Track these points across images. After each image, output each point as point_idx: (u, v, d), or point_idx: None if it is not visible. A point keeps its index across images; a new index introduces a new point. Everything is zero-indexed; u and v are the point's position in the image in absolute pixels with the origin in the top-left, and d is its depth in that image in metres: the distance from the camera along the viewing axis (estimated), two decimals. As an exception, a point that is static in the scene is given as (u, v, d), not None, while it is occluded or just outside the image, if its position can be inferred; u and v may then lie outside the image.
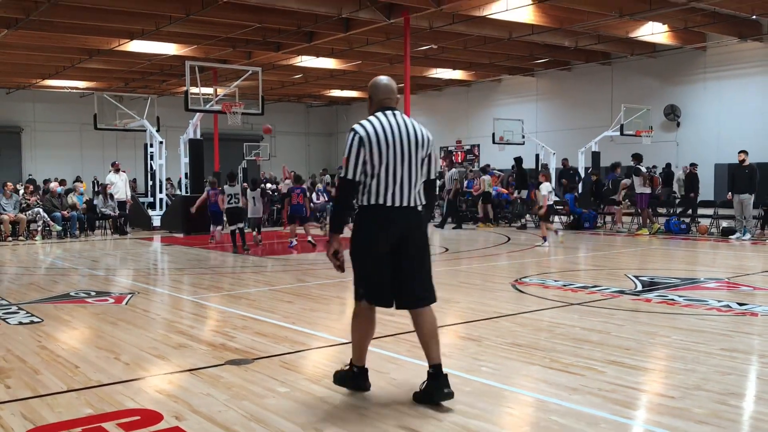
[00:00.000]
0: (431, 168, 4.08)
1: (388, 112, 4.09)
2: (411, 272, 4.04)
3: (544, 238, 13.23)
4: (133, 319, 6.51)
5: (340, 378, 4.19)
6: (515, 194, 20.05)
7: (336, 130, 42.35)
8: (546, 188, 13.43)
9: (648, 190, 16.10)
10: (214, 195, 14.00)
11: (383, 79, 4.25)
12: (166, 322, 6.46)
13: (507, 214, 20.01)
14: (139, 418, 3.75)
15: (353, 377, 4.14)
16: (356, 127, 4.01)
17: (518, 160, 20.95)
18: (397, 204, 3.94)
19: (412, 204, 3.99)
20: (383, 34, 22.21)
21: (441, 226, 18.59)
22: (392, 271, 3.99)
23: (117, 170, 18.42)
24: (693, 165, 20.33)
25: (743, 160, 14.18)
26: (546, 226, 13.60)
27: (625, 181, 17.66)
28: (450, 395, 3.85)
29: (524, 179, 20.08)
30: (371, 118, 4.08)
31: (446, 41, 23.49)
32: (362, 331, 4.12)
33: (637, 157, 16.74)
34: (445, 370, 3.97)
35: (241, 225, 12.90)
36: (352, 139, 3.93)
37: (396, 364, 4.79)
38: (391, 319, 6.30)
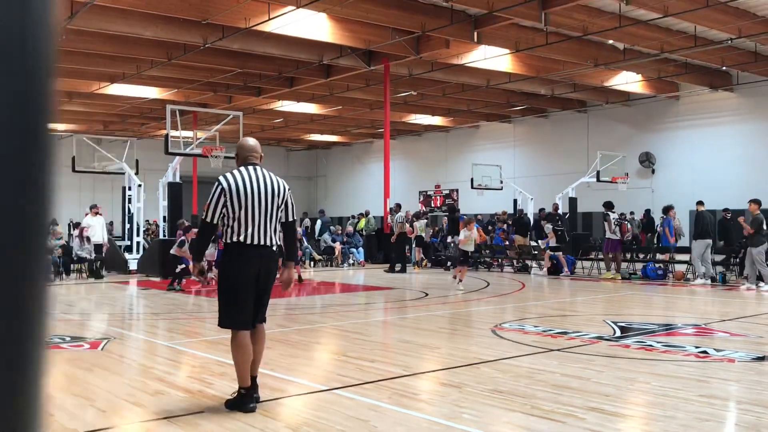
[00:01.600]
0: (288, 212, 4.92)
1: (250, 167, 4.85)
2: (265, 299, 4.91)
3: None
4: (109, 365, 6.40)
5: (232, 405, 4.72)
6: (448, 239, 21.12)
7: (315, 174, 42.51)
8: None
9: (616, 237, 16.48)
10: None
11: (249, 140, 5.08)
12: (142, 368, 6.36)
13: (441, 256, 21.23)
14: (114, 468, 3.66)
15: (242, 399, 4.71)
16: (221, 178, 4.76)
17: (451, 208, 23.24)
18: (256, 242, 4.71)
19: (267, 243, 4.75)
20: (363, 80, 22.55)
21: (390, 270, 18.59)
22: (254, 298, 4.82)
23: (96, 213, 18.28)
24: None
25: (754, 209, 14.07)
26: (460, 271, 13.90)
27: (547, 227, 18.38)
28: (255, 409, 4.64)
29: (456, 225, 20.98)
30: (235, 171, 4.83)
31: (425, 88, 23.89)
32: (242, 354, 4.77)
33: (608, 205, 17.25)
34: (426, 416, 3.94)
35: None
36: (216, 188, 4.72)
37: (377, 411, 4.75)
38: (372, 365, 6.27)
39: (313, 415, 4.74)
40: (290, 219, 4.93)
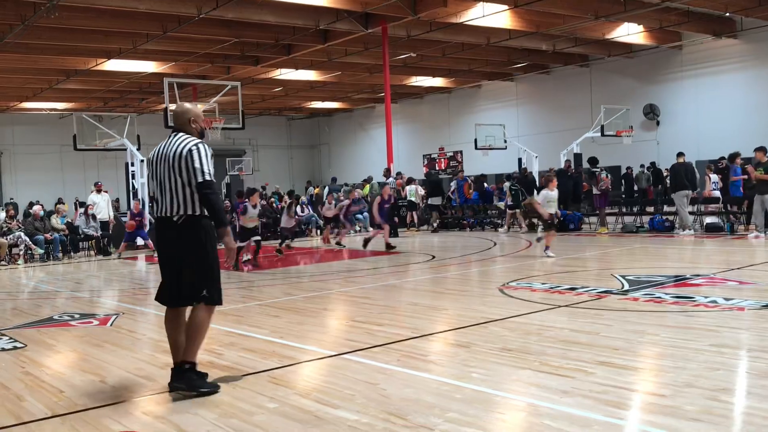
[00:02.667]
0: (191, 175, 4.43)
1: (172, 134, 4.70)
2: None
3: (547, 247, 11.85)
4: (119, 341, 6.42)
5: (198, 385, 4.46)
6: (427, 201, 21.94)
7: (318, 142, 42.33)
8: (544, 196, 12.10)
9: (598, 192, 16.74)
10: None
11: (176, 106, 4.91)
12: (152, 342, 6.37)
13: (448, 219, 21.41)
14: (125, 441, 3.68)
15: (203, 375, 4.60)
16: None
17: (429, 174, 23.97)
18: (158, 214, 4.63)
19: (166, 214, 4.54)
20: (361, 44, 22.26)
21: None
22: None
23: (99, 191, 18.26)
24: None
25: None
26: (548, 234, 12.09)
27: (505, 185, 19.43)
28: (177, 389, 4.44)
29: (438, 187, 21.82)
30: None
31: (425, 49, 23.58)
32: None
33: (592, 161, 17.47)
34: (435, 377, 3.94)
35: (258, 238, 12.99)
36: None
37: (386, 374, 4.75)
38: (380, 329, 6.27)
39: (323, 380, 4.75)
40: (197, 181, 4.42)
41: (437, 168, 33.88)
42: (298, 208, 20.21)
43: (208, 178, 4.39)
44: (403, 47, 22.92)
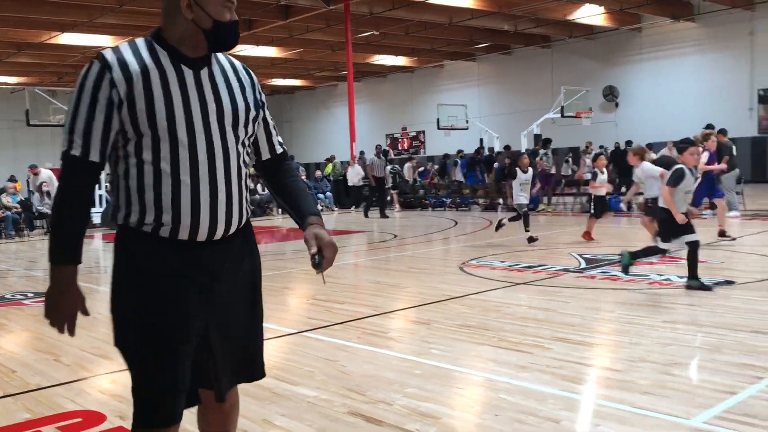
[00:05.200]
0: None
1: None
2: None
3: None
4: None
5: None
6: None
7: (280, 120, 41.91)
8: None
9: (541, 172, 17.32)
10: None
11: None
12: (109, 321, 6.26)
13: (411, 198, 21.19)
14: (81, 420, 3.62)
15: None
16: None
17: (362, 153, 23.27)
18: None
19: None
20: (323, 20, 22.03)
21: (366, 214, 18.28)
22: None
23: (36, 173, 17.84)
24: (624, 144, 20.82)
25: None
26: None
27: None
28: None
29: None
30: None
31: (387, 27, 23.44)
32: None
33: (542, 141, 17.85)
34: (395, 354, 3.95)
35: None
36: None
37: (346, 351, 4.75)
38: (341, 307, 6.27)
39: (283, 358, 4.73)
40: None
41: (399, 147, 33.89)
42: (258, 187, 20.05)
43: (64, 146, 1.99)
44: (366, 25, 22.75)
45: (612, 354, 4.51)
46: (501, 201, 18.52)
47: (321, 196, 21.54)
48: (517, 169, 10.83)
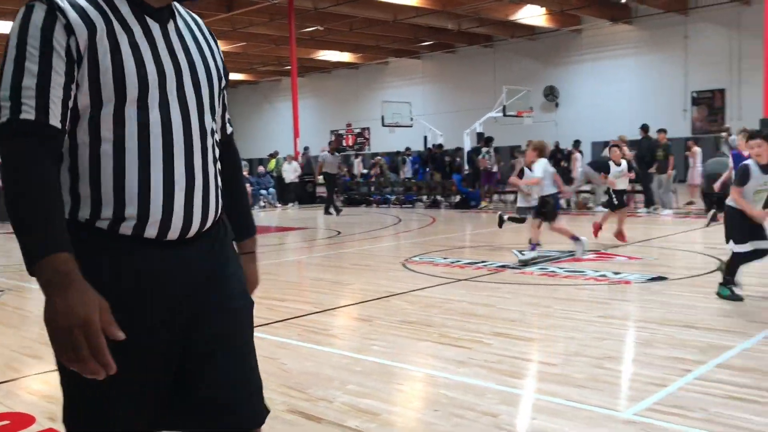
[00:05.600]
0: None
1: None
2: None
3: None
4: (4, 319, 6.07)
5: None
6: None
7: (223, 115, 41.31)
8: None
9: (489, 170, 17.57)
10: None
11: None
12: (40, 320, 6.05)
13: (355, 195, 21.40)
14: (9, 422, 3.49)
15: None
16: None
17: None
18: None
19: None
20: (267, 14, 21.82)
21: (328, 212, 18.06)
22: None
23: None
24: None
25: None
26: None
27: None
28: None
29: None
30: None
31: (332, 23, 23.37)
32: None
33: (485, 140, 18.11)
34: (336, 351, 3.95)
35: None
36: None
37: (286, 349, 4.72)
38: (282, 305, 6.22)
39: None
40: None
41: (344, 144, 33.82)
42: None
43: (4, 113, 1.41)
44: (310, 20, 22.63)
45: (549, 348, 4.60)
46: (443, 198, 18.71)
47: (264, 192, 21.33)
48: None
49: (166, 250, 1.58)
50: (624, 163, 9.95)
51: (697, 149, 16.44)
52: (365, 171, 22.55)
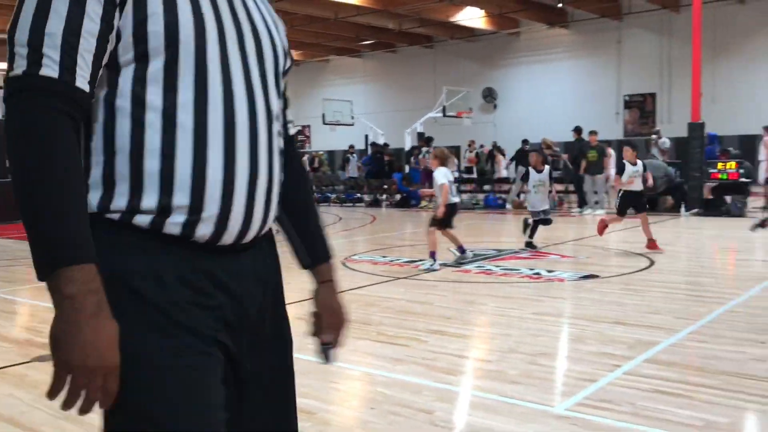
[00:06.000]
0: None
1: None
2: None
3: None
4: None
5: None
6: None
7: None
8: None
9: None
10: None
11: None
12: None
13: None
14: None
15: None
16: None
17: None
18: None
19: None
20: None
21: None
22: None
23: None
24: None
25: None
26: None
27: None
28: None
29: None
30: None
31: (272, 19, 23.17)
32: None
33: (425, 140, 18.29)
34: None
35: None
36: None
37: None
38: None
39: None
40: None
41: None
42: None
43: (20, 64, 1.09)
44: (250, 16, 22.37)
45: (484, 345, 4.68)
46: (386, 197, 18.78)
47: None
48: (530, 168, 9.39)
49: (220, 258, 1.25)
50: (640, 163, 9.17)
51: (611, 152, 17.29)
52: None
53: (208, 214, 1.20)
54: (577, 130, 15.56)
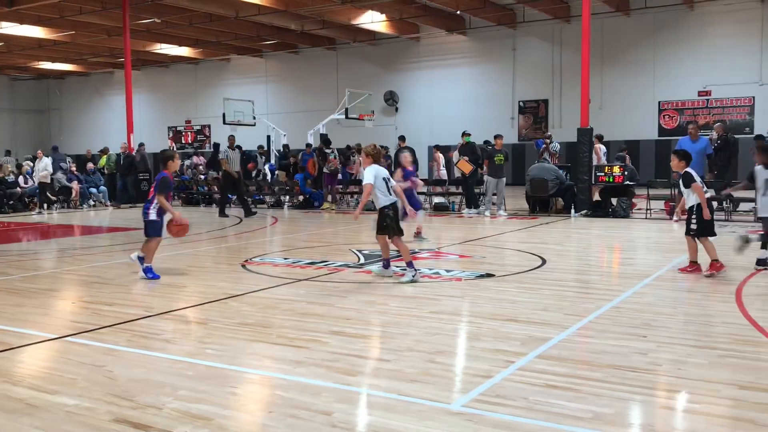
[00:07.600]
0: None
1: None
2: None
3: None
4: None
5: None
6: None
7: (48, 107, 38.40)
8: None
9: (328, 171, 17.59)
10: None
11: None
12: None
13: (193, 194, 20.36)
14: None
15: None
16: None
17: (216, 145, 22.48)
18: None
19: None
20: (99, 3, 20.62)
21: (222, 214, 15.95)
22: None
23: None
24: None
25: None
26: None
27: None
28: None
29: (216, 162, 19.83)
30: None
31: (170, 15, 22.50)
32: None
33: (326, 141, 18.29)
34: (168, 356, 3.80)
35: None
36: None
37: (113, 356, 4.47)
38: (110, 309, 5.89)
39: (41, 366, 4.34)
40: None
41: (183, 141, 32.64)
42: (21, 179, 18.26)
43: None
44: (146, 11, 21.64)
45: (383, 345, 4.72)
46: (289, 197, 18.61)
47: (93, 190, 20.09)
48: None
49: None
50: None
51: (440, 155, 18.61)
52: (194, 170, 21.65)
53: None
54: (466, 135, 16.01)
